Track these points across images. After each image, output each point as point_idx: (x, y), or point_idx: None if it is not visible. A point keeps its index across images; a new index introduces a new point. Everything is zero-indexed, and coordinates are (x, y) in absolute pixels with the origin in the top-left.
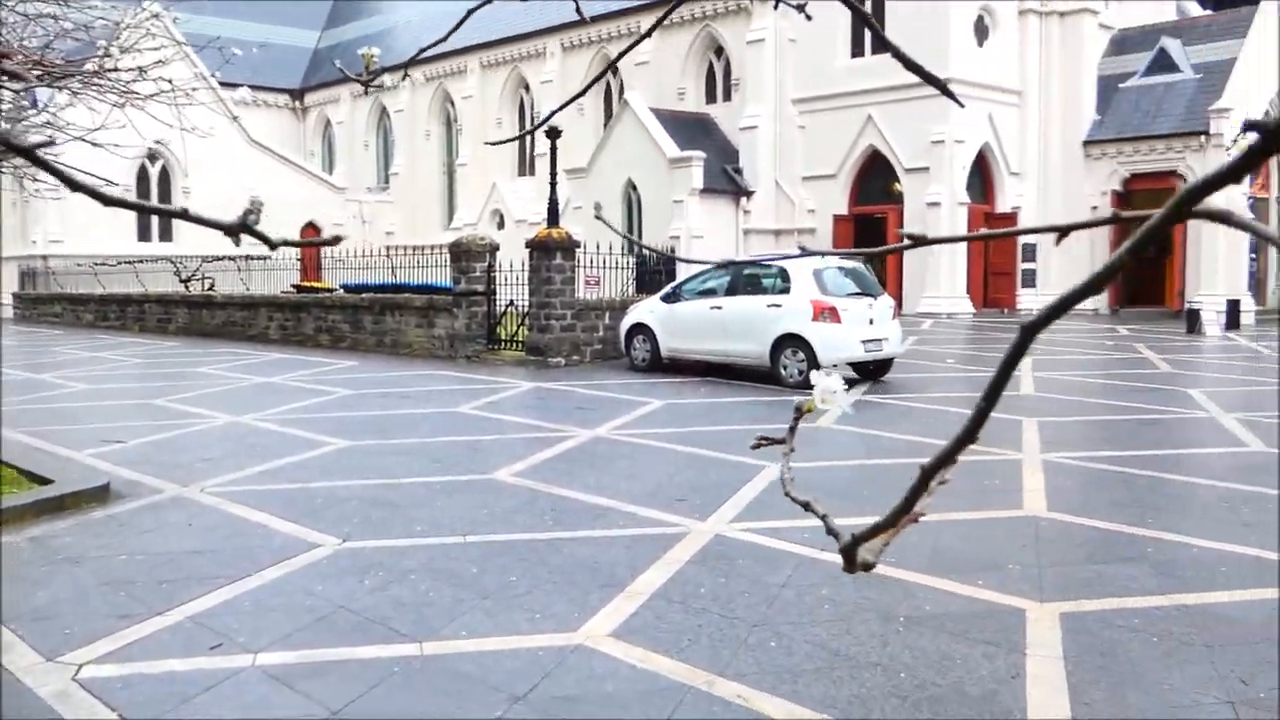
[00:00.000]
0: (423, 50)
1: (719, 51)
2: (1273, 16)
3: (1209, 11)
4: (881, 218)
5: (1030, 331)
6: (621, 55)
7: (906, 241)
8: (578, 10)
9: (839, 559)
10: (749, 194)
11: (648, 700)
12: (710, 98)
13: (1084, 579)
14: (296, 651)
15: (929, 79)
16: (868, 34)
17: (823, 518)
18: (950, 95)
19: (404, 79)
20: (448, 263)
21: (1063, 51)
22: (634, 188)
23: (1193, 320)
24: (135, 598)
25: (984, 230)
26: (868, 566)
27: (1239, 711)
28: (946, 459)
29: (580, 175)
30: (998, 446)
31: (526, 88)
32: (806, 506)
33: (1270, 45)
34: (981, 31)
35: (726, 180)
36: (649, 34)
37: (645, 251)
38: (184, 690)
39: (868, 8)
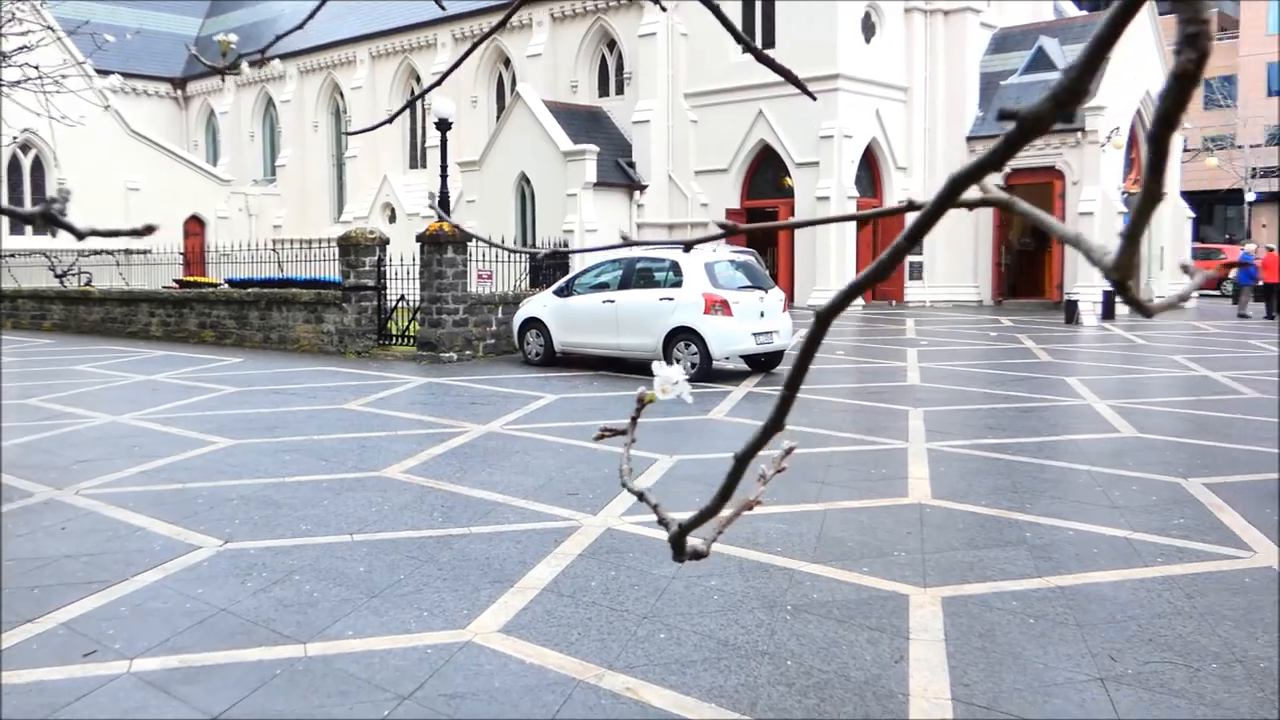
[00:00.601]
0: (279, 37)
1: (611, 45)
2: (1142, 17)
3: (1084, 12)
4: (773, 211)
5: (824, 319)
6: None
7: (719, 231)
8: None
9: (730, 550)
10: (642, 187)
11: (536, 695)
12: (603, 91)
13: (966, 563)
14: (175, 656)
15: (784, 74)
16: (758, 29)
17: (654, 507)
18: (804, 90)
19: (261, 66)
20: (337, 257)
21: (947, 49)
22: (527, 181)
23: (1071, 311)
24: (4, 605)
25: (794, 219)
26: (698, 555)
27: (1108, 687)
28: (756, 447)
29: (473, 168)
30: (884, 436)
31: (418, 79)
32: (641, 497)
33: (1144, 45)
34: (869, 29)
35: (620, 174)
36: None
37: (537, 244)
38: (54, 700)
39: (758, 5)
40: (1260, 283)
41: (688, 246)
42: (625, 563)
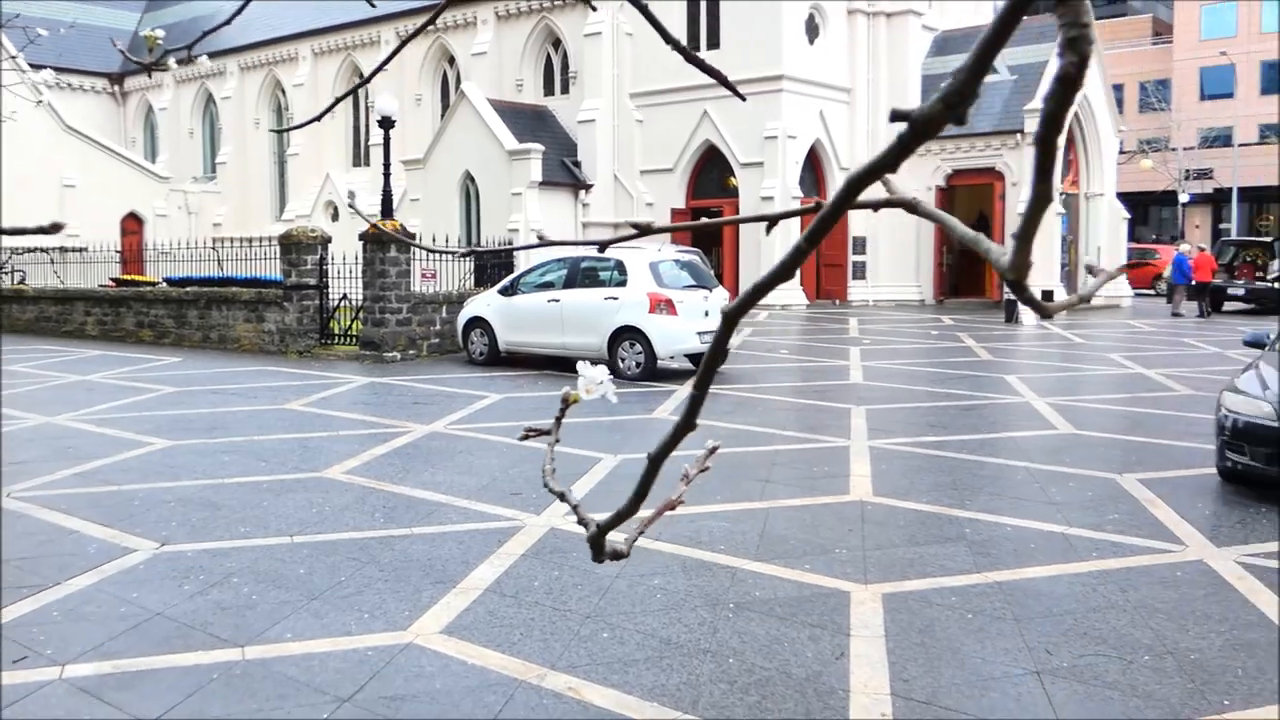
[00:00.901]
0: (205, 34)
1: (557, 44)
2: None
3: (1024, 16)
4: (718, 211)
5: (730, 319)
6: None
7: (632, 231)
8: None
9: (673, 549)
10: (588, 187)
11: (478, 696)
12: (549, 90)
13: (906, 560)
14: (109, 661)
15: (713, 74)
16: (703, 30)
17: (574, 508)
18: (734, 91)
19: (189, 63)
20: (278, 255)
21: (889, 51)
22: (472, 180)
23: (1010, 310)
24: None
25: (704, 220)
26: (618, 555)
27: (1044, 680)
28: (669, 448)
29: (417, 166)
30: (827, 434)
31: (361, 76)
32: (562, 497)
33: None
34: (812, 30)
35: (565, 173)
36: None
37: (482, 243)
38: None
39: (703, 6)
40: (1193, 282)
41: (603, 246)
42: (569, 562)
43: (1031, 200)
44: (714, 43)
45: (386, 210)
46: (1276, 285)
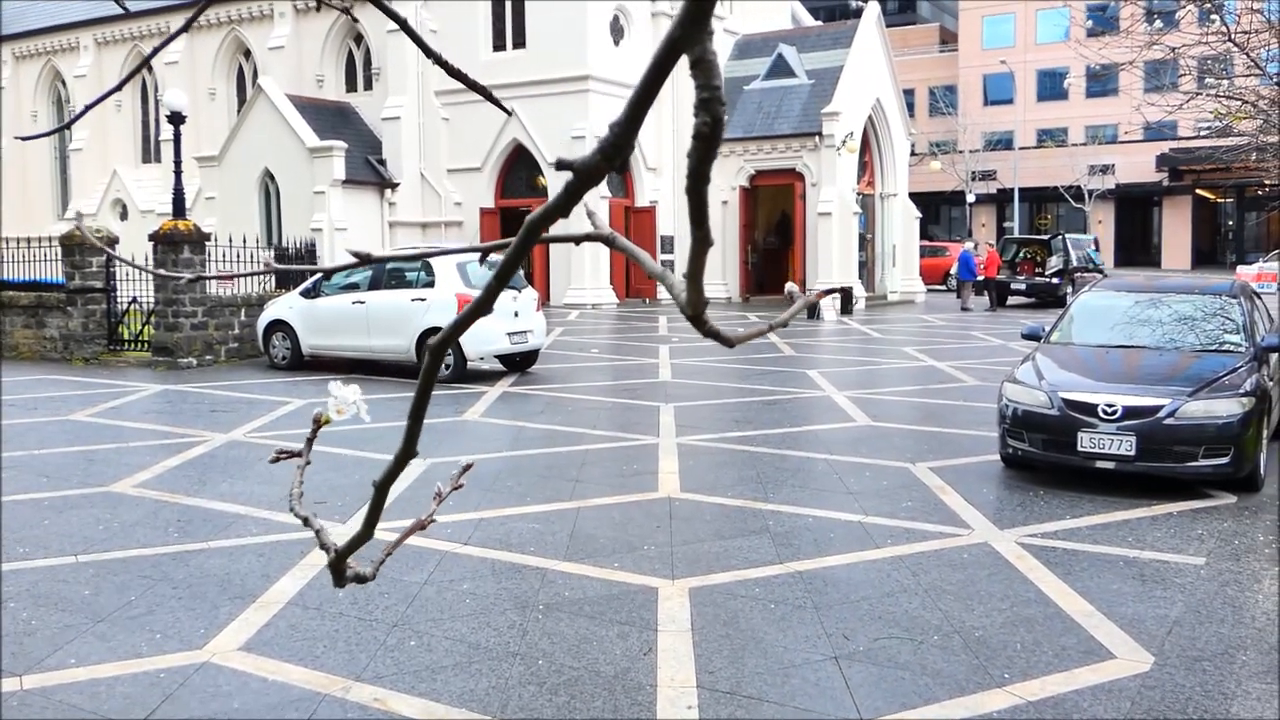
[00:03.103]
0: None
1: (359, 39)
2: (872, 28)
3: (819, 22)
4: (527, 211)
5: (436, 352)
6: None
7: (353, 260)
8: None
9: (483, 552)
10: (394, 185)
11: (279, 713)
12: (351, 86)
13: (712, 554)
14: None
15: (475, 87)
16: (509, 29)
17: (317, 533)
18: (497, 103)
19: None
20: (60, 257)
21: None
22: (271, 177)
23: (812, 307)
24: None
25: (432, 247)
26: (362, 579)
27: (841, 665)
28: (392, 476)
29: (212, 164)
30: (636, 432)
31: (150, 69)
32: (306, 522)
33: (874, 56)
34: (618, 32)
35: (370, 171)
36: (184, 29)
37: (280, 247)
38: None
39: (508, 5)
40: (980, 278)
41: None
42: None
43: (693, 244)
44: (520, 42)
45: (179, 209)
46: (1054, 280)
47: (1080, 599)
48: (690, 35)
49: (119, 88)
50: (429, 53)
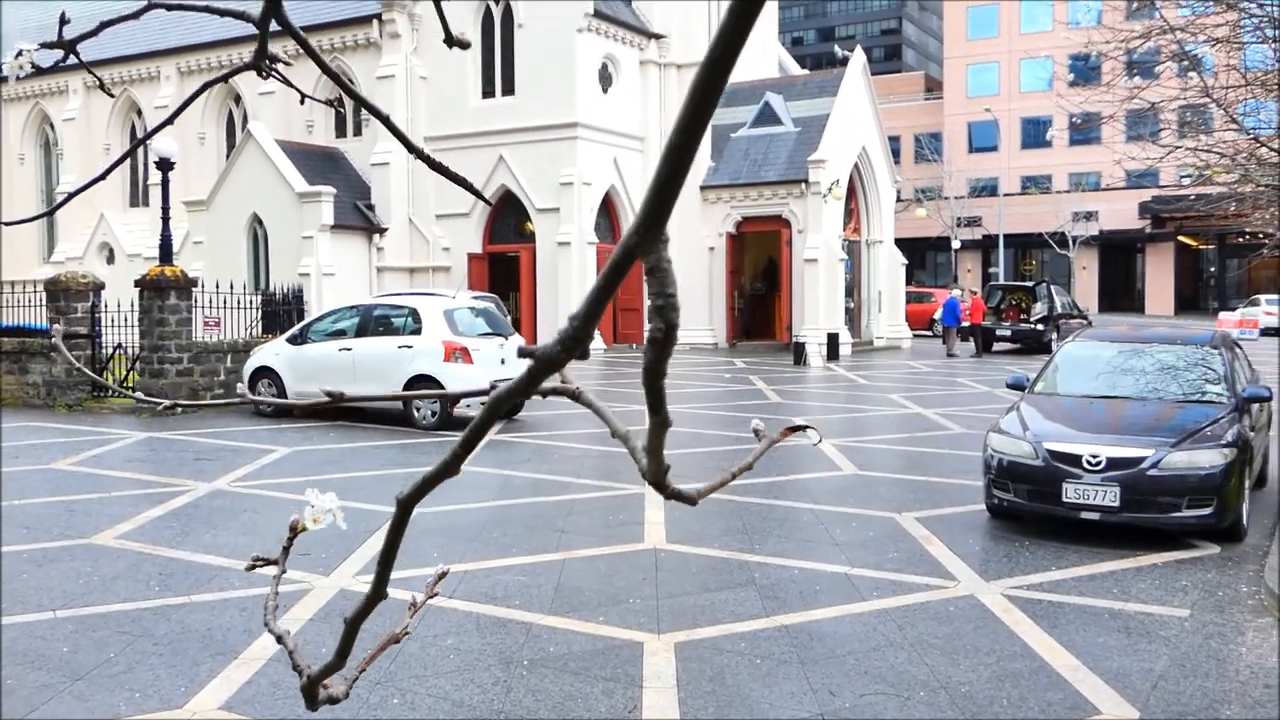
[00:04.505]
0: None
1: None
2: (858, 77)
3: (806, 71)
4: (515, 256)
5: (405, 506)
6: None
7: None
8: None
9: (468, 606)
10: (382, 230)
11: None
12: (340, 132)
13: (698, 607)
14: None
15: (461, 182)
16: (498, 77)
17: (290, 653)
18: (479, 195)
19: None
20: (45, 302)
21: (680, 101)
22: (260, 222)
23: (799, 353)
24: None
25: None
26: (334, 700)
27: None
28: (363, 614)
29: (200, 208)
30: (622, 481)
31: (139, 112)
32: (280, 640)
33: (860, 105)
34: (606, 80)
35: (359, 216)
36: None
37: (267, 292)
38: None
39: (498, 53)
40: (965, 324)
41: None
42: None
43: (652, 426)
44: (509, 89)
45: (166, 256)
46: (1039, 326)
47: (1066, 653)
48: (645, 244)
49: (121, 161)
50: (410, 147)
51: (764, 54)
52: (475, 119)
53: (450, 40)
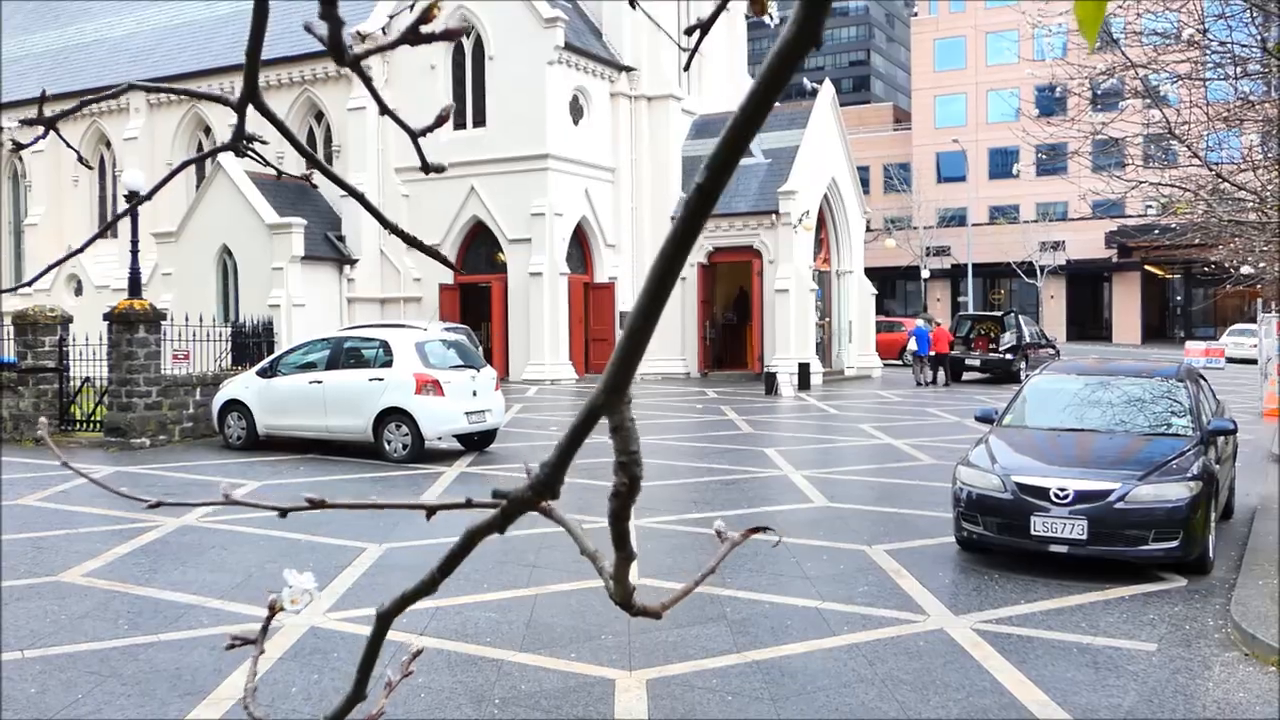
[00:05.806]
0: None
1: (320, 117)
2: (827, 109)
3: (776, 103)
4: (486, 287)
5: (384, 618)
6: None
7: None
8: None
9: (439, 643)
10: (353, 262)
11: None
12: (310, 163)
13: (669, 643)
14: None
15: (431, 253)
16: (469, 108)
17: None
18: (450, 265)
19: None
20: (11, 336)
21: (651, 133)
22: (229, 254)
23: (770, 382)
24: None
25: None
26: None
27: None
28: (343, 713)
29: (170, 240)
30: (593, 514)
31: (108, 144)
32: None
33: (829, 137)
34: (577, 111)
35: (329, 247)
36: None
37: (237, 324)
38: None
39: (469, 85)
40: (933, 353)
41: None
42: (330, 664)
43: (618, 559)
44: (480, 120)
45: (134, 289)
46: (1007, 356)
47: (1035, 688)
48: (610, 405)
49: (111, 224)
50: (384, 222)
51: (734, 86)
52: (446, 150)
53: (426, 167)
